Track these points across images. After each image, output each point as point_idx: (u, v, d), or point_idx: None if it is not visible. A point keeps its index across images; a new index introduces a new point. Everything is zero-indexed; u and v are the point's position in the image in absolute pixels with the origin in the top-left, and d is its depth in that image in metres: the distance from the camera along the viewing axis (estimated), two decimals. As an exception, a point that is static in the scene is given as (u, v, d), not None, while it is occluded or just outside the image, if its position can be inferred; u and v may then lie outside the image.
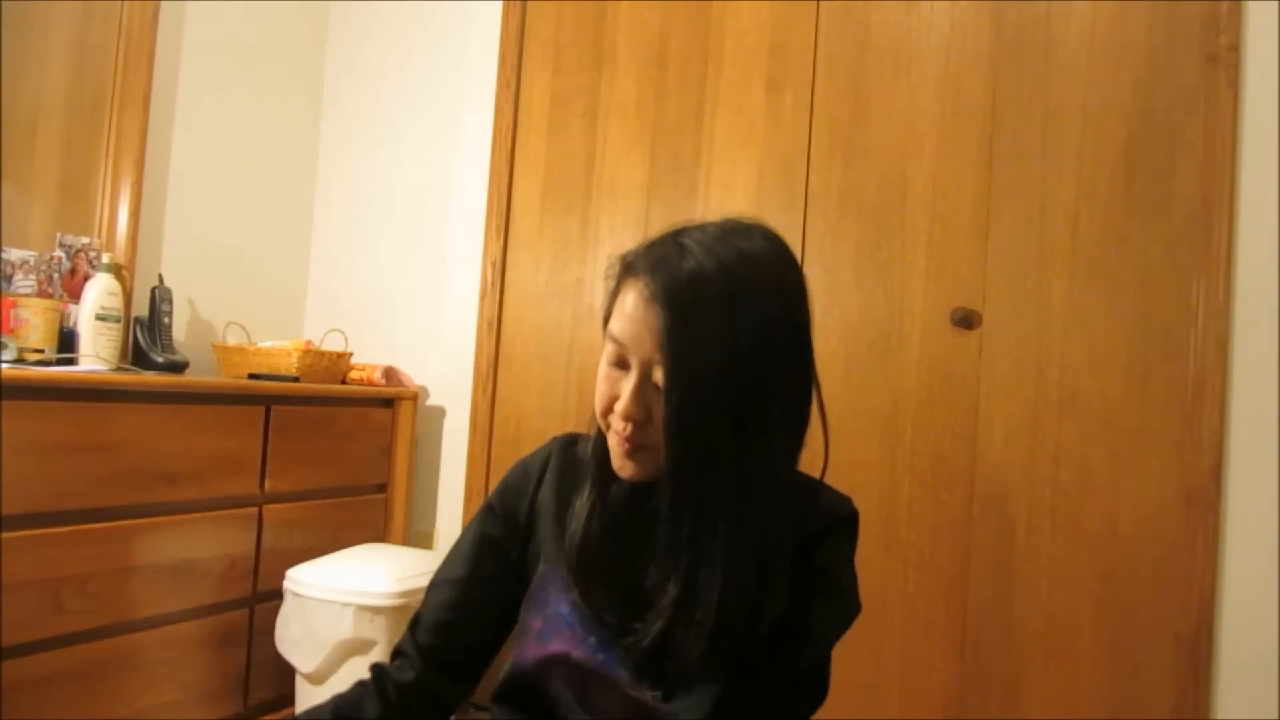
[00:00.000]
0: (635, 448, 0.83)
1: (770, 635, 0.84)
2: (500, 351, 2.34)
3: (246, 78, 2.43)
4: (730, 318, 0.80)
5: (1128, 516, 1.73)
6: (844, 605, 0.90)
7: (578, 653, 0.85)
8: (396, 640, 0.96)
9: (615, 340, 0.83)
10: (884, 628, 1.87)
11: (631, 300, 0.82)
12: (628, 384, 0.82)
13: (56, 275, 1.93)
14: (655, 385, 0.80)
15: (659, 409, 0.80)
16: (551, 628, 0.88)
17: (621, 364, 0.83)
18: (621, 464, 0.84)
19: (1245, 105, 1.70)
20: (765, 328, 0.81)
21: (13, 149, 1.91)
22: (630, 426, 0.81)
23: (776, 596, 0.82)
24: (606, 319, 0.87)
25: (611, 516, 0.88)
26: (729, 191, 2.10)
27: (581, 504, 0.89)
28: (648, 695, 0.83)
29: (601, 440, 0.88)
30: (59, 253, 1.95)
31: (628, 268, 0.85)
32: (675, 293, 0.79)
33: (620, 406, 0.81)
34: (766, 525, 0.83)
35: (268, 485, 1.90)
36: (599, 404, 0.85)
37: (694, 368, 0.79)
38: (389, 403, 2.28)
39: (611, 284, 0.87)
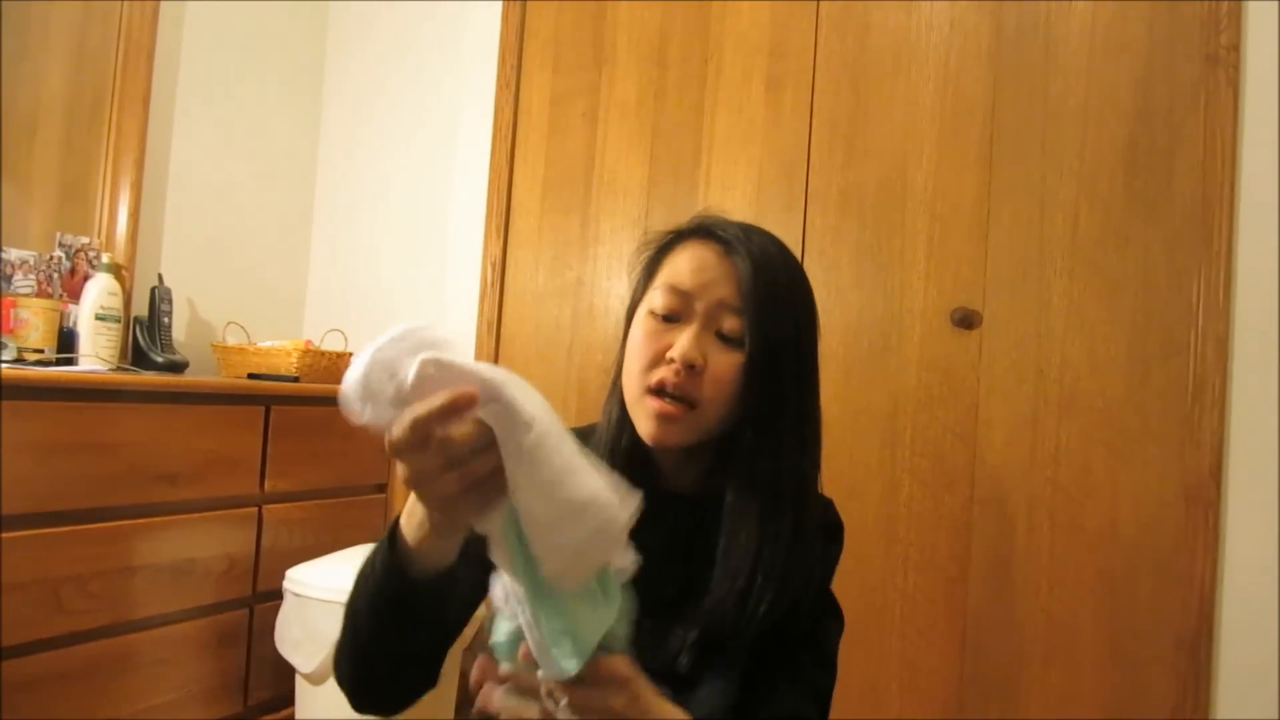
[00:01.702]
0: (679, 407, 0.81)
1: (789, 647, 0.86)
2: (500, 351, 2.34)
3: (246, 78, 2.43)
4: (794, 282, 0.88)
5: (1128, 516, 1.73)
6: (841, 620, 0.94)
7: None
8: None
9: (677, 290, 0.84)
10: (884, 628, 1.87)
11: (699, 253, 0.85)
12: (688, 330, 0.83)
13: (56, 275, 1.93)
14: (716, 335, 0.83)
15: (717, 359, 0.82)
16: None
17: (674, 317, 0.84)
18: (656, 429, 0.83)
19: (1245, 105, 1.70)
20: (809, 305, 0.89)
21: (13, 149, 1.91)
22: (683, 374, 0.81)
23: (804, 576, 0.85)
24: (644, 284, 0.89)
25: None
26: (729, 191, 2.10)
27: None
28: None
29: (623, 429, 0.87)
30: (59, 252, 1.95)
31: (678, 235, 0.89)
32: (753, 246, 0.85)
33: (680, 349, 0.81)
34: (812, 497, 0.88)
35: (267, 485, 1.90)
36: (640, 361, 0.84)
37: (773, 315, 0.83)
38: (389, 403, 2.28)
39: (649, 254, 0.91)
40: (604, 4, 2.27)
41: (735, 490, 0.84)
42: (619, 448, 0.87)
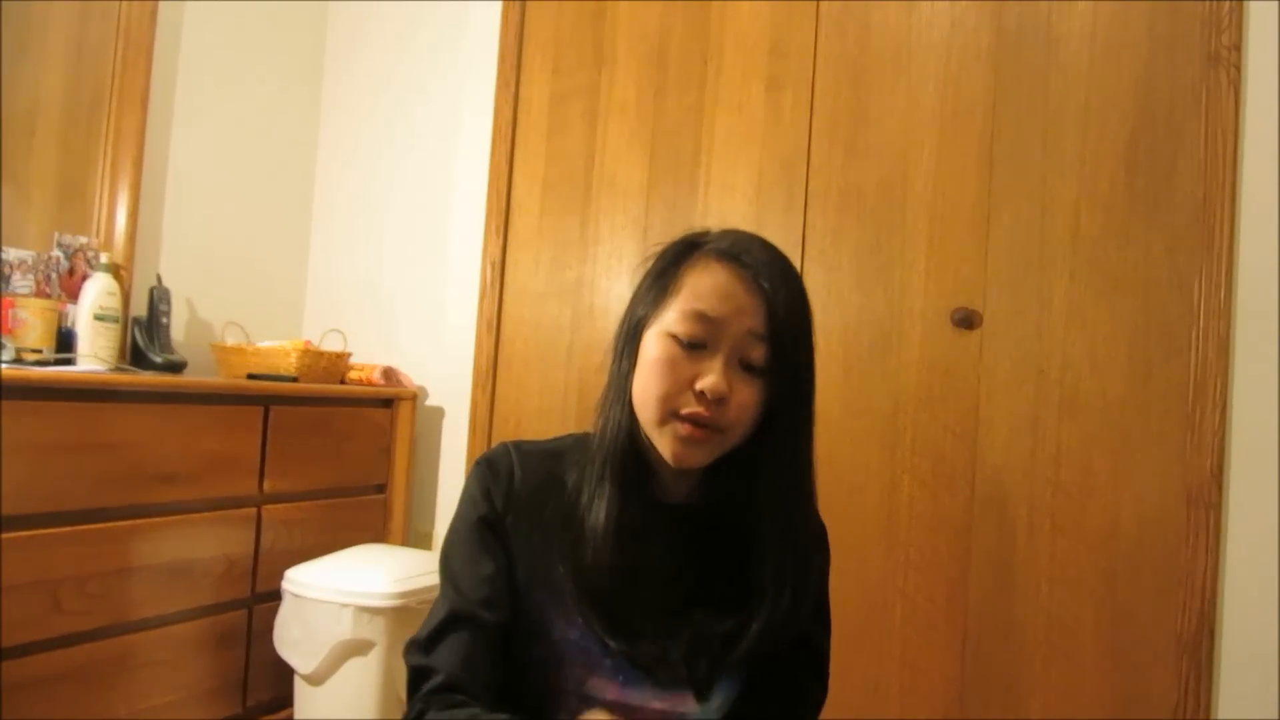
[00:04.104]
0: (706, 432, 0.82)
1: (791, 656, 0.88)
2: (500, 351, 2.34)
3: (245, 77, 2.43)
4: (807, 304, 0.87)
5: (1128, 517, 1.73)
6: (830, 632, 0.96)
7: (592, 680, 0.84)
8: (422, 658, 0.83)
9: (704, 317, 0.82)
10: (884, 628, 1.87)
11: (723, 278, 0.83)
12: (715, 362, 0.81)
13: (55, 275, 1.92)
14: (739, 365, 0.83)
15: (741, 389, 0.82)
16: (559, 655, 0.84)
17: (699, 344, 0.82)
18: (685, 452, 0.82)
19: (1246, 105, 1.69)
20: (812, 324, 0.88)
21: (11, 149, 1.91)
22: (713, 406, 0.81)
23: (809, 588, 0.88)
24: (657, 298, 0.86)
25: (629, 529, 0.84)
26: (729, 191, 2.10)
27: (595, 519, 0.84)
28: (676, 706, 0.84)
29: (630, 439, 0.86)
30: (57, 252, 1.95)
31: (692, 247, 0.87)
32: (777, 273, 0.84)
33: (710, 385, 0.80)
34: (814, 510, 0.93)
35: (266, 485, 1.90)
36: (662, 386, 0.82)
37: (798, 344, 0.85)
38: (388, 403, 2.28)
39: (662, 265, 0.88)
40: (604, 4, 2.27)
41: (770, 514, 0.85)
42: (625, 460, 0.86)
